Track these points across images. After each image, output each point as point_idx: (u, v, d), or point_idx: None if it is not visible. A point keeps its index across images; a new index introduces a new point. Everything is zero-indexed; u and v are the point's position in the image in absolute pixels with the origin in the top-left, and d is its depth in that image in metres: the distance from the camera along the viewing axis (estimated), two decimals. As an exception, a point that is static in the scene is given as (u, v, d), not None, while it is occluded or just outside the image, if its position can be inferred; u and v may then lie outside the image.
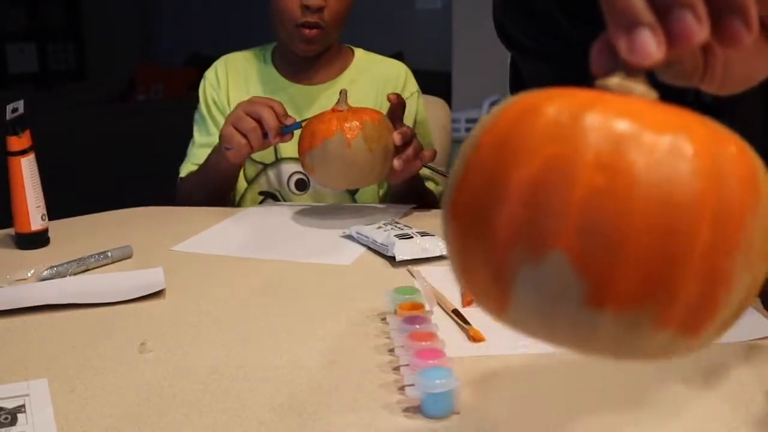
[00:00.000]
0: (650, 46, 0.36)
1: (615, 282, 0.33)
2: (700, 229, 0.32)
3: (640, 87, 0.36)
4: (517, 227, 0.33)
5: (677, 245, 0.32)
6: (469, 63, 4.24)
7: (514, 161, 0.34)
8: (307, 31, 1.33)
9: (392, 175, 1.21)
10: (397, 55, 1.59)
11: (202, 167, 1.37)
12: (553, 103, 0.34)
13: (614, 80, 0.37)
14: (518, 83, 1.19)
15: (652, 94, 0.37)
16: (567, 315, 0.33)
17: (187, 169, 1.42)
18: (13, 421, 0.62)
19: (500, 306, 0.36)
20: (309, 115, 1.42)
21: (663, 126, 0.33)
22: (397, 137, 1.17)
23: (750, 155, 0.35)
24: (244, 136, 1.20)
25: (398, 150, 1.17)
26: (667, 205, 0.32)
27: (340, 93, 1.18)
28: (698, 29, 0.36)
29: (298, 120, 1.22)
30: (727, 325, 0.38)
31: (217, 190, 1.37)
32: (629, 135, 0.33)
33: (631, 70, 0.36)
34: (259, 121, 1.19)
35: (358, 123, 1.12)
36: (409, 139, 1.19)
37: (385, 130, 1.15)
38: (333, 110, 1.16)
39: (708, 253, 0.33)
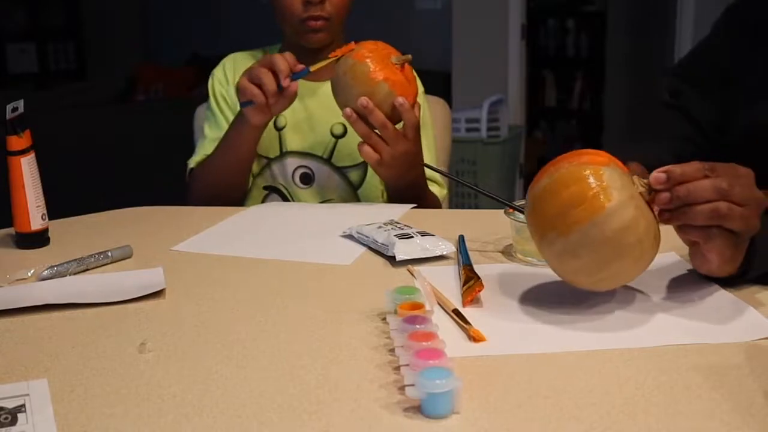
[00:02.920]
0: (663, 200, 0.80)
1: (543, 226, 0.81)
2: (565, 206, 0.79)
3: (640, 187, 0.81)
4: None
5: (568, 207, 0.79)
6: (469, 63, 4.24)
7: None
8: (312, 22, 1.35)
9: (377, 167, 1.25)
10: (397, 55, 1.59)
11: (220, 144, 1.37)
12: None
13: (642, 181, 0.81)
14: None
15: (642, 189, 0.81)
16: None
17: (197, 160, 1.43)
18: (13, 421, 0.62)
19: None
20: (316, 111, 1.43)
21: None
22: (362, 100, 1.18)
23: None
24: (258, 86, 1.22)
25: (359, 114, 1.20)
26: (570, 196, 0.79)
27: (406, 56, 1.24)
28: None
29: (306, 66, 1.25)
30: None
31: (237, 162, 1.37)
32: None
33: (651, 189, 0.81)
34: (273, 72, 1.23)
35: (366, 58, 1.20)
36: (373, 119, 1.19)
37: (367, 86, 1.19)
38: (390, 53, 1.23)
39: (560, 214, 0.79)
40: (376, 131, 1.21)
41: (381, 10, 4.52)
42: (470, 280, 0.88)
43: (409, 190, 1.30)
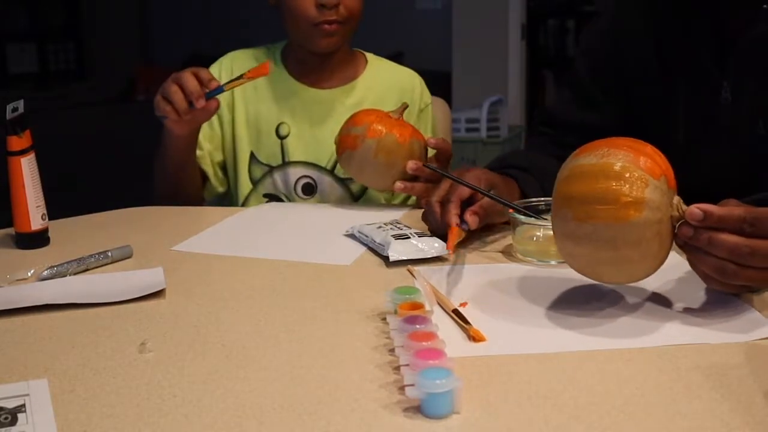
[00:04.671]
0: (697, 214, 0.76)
1: (564, 201, 0.80)
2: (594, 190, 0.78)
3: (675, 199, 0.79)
4: None
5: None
6: (469, 63, 4.25)
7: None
8: (326, 26, 1.33)
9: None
10: (397, 55, 1.60)
11: (158, 146, 1.35)
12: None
13: (682, 207, 0.78)
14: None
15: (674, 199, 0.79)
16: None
17: None
18: (13, 421, 0.62)
19: None
20: (322, 120, 1.40)
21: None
22: (410, 164, 1.20)
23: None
24: (169, 103, 1.21)
25: (409, 177, 1.22)
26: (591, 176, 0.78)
27: (402, 104, 1.29)
28: None
29: (221, 84, 1.22)
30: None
31: (174, 166, 1.34)
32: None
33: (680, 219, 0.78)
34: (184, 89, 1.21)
35: (384, 130, 1.22)
36: (424, 175, 1.21)
37: (404, 151, 1.22)
38: (387, 112, 1.26)
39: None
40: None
41: (381, 10, 4.52)
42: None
43: None
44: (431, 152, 1.28)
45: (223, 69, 1.44)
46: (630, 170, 0.77)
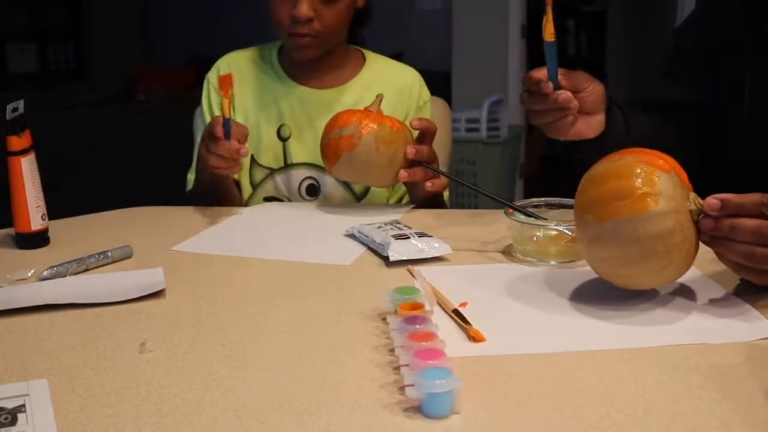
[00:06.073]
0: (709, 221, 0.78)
1: (584, 207, 0.83)
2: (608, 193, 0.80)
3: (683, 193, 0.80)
4: None
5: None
6: (469, 63, 4.24)
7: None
8: (298, 39, 1.31)
9: (414, 191, 1.28)
10: (398, 56, 1.59)
11: (197, 176, 1.36)
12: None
13: (698, 200, 0.80)
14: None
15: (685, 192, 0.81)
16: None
17: (191, 179, 1.41)
18: (13, 421, 0.62)
19: None
20: (322, 121, 1.36)
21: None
22: (410, 150, 1.20)
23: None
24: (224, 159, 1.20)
25: (410, 164, 1.21)
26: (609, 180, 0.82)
27: (377, 96, 1.27)
28: None
29: (225, 118, 1.19)
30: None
31: (217, 195, 1.34)
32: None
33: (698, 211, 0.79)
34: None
35: (375, 125, 1.20)
36: (424, 158, 1.21)
37: (400, 139, 1.21)
38: (364, 108, 1.25)
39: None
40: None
41: (381, 10, 4.52)
42: None
43: (435, 198, 1.31)
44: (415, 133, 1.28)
45: (221, 72, 1.42)
46: (639, 166, 0.80)
